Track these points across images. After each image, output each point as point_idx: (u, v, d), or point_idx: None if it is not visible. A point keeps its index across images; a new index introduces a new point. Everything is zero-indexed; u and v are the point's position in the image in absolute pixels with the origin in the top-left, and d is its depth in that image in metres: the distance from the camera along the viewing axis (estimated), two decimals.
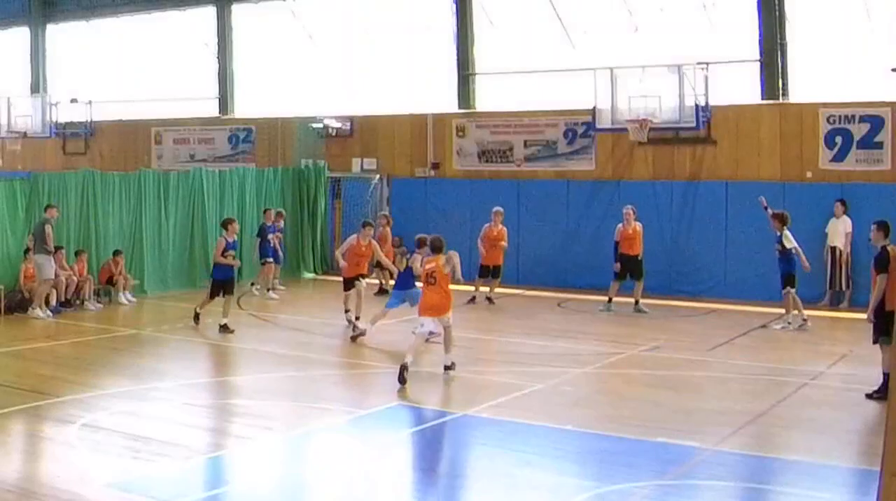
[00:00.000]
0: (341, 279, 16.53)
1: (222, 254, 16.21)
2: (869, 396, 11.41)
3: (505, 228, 19.35)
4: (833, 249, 18.71)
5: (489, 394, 11.80)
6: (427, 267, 12.86)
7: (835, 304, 18.79)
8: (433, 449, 10.19)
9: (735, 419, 10.63)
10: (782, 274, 16.44)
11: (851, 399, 11.61)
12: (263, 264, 20.34)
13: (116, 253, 19.22)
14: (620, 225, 18.23)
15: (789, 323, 16.53)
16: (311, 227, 23.83)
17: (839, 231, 18.67)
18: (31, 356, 14.20)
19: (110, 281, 19.05)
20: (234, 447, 9.98)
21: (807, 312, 18.36)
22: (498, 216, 19.22)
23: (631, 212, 18.22)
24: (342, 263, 16.18)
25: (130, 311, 18.49)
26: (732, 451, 9.58)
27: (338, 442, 10.19)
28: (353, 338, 15.22)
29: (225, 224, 16.82)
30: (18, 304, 17.45)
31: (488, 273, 19.19)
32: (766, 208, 16.86)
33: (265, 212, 20.96)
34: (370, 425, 10.78)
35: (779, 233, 16.39)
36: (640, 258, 18.20)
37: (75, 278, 18.13)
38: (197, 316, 16.53)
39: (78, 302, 18.22)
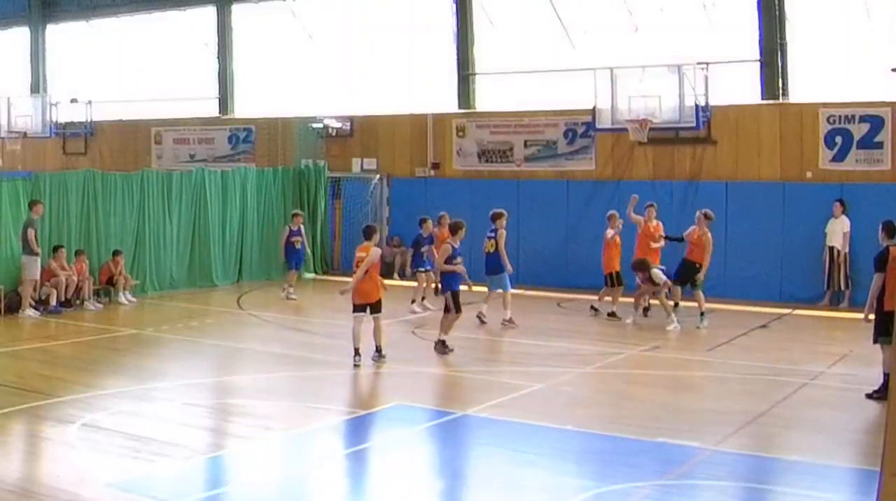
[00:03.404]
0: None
1: (446, 261, 14.38)
2: (869, 396, 11.41)
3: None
4: (831, 249, 18.72)
5: (489, 394, 11.79)
6: (359, 255, 13.40)
7: (834, 304, 18.80)
8: (433, 449, 10.19)
9: (735, 419, 10.63)
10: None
11: (851, 399, 11.61)
12: (416, 274, 18.86)
13: (116, 253, 19.21)
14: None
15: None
16: (311, 227, 23.83)
17: (837, 231, 18.68)
18: (31, 356, 14.19)
19: (110, 282, 19.05)
20: (234, 447, 9.97)
21: (807, 312, 18.46)
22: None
23: (701, 216, 16.74)
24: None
25: (130, 311, 18.49)
26: (732, 451, 9.57)
27: (338, 442, 10.19)
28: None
29: (453, 228, 14.63)
30: (19, 304, 17.43)
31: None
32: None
33: (423, 221, 18.97)
34: (370, 425, 10.79)
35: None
36: (697, 266, 16.55)
37: (75, 278, 18.12)
38: (444, 344, 14.10)
39: (78, 302, 18.21)
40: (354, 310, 13.38)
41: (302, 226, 20.49)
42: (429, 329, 16.38)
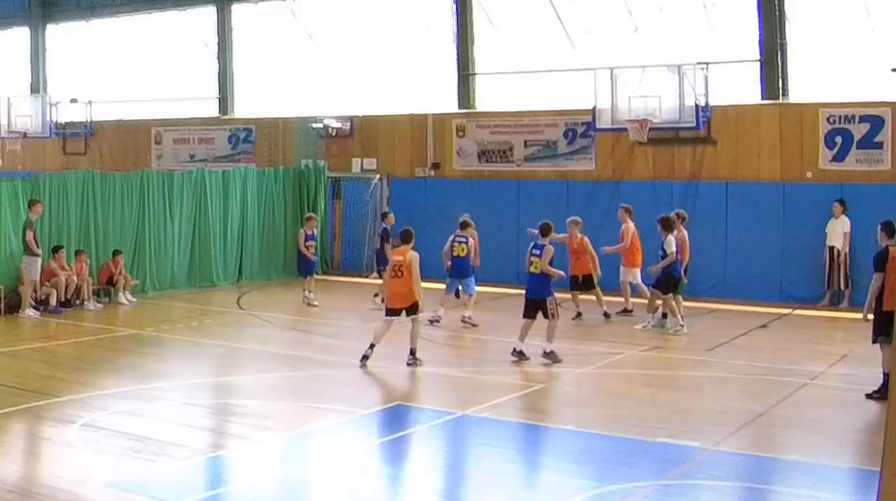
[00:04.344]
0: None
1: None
2: (869, 396, 11.41)
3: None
4: (831, 249, 18.73)
5: (489, 394, 11.79)
6: (395, 259, 13.27)
7: (834, 304, 18.80)
8: (433, 449, 10.18)
9: (735, 419, 10.63)
10: (662, 278, 16.13)
11: (851, 399, 11.61)
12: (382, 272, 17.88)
13: (116, 253, 19.22)
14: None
15: (650, 323, 16.53)
16: None
17: (837, 231, 18.69)
18: (32, 356, 14.20)
19: (110, 282, 19.05)
20: (234, 447, 9.97)
21: (807, 312, 18.44)
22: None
23: (674, 216, 16.65)
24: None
25: (130, 311, 18.49)
26: (732, 451, 9.57)
27: (338, 442, 10.18)
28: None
29: (546, 230, 14.11)
30: (19, 304, 17.43)
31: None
32: None
33: (385, 215, 19.14)
34: (370, 425, 10.78)
35: (662, 238, 16.24)
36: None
37: (75, 278, 18.11)
38: (522, 352, 13.78)
39: (78, 302, 18.20)
40: (387, 314, 13.35)
41: (315, 230, 19.94)
42: (427, 328, 16.36)
